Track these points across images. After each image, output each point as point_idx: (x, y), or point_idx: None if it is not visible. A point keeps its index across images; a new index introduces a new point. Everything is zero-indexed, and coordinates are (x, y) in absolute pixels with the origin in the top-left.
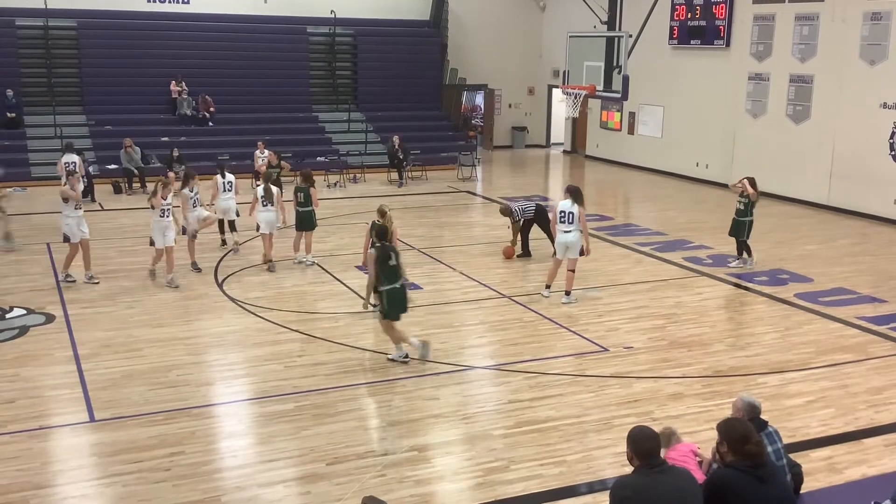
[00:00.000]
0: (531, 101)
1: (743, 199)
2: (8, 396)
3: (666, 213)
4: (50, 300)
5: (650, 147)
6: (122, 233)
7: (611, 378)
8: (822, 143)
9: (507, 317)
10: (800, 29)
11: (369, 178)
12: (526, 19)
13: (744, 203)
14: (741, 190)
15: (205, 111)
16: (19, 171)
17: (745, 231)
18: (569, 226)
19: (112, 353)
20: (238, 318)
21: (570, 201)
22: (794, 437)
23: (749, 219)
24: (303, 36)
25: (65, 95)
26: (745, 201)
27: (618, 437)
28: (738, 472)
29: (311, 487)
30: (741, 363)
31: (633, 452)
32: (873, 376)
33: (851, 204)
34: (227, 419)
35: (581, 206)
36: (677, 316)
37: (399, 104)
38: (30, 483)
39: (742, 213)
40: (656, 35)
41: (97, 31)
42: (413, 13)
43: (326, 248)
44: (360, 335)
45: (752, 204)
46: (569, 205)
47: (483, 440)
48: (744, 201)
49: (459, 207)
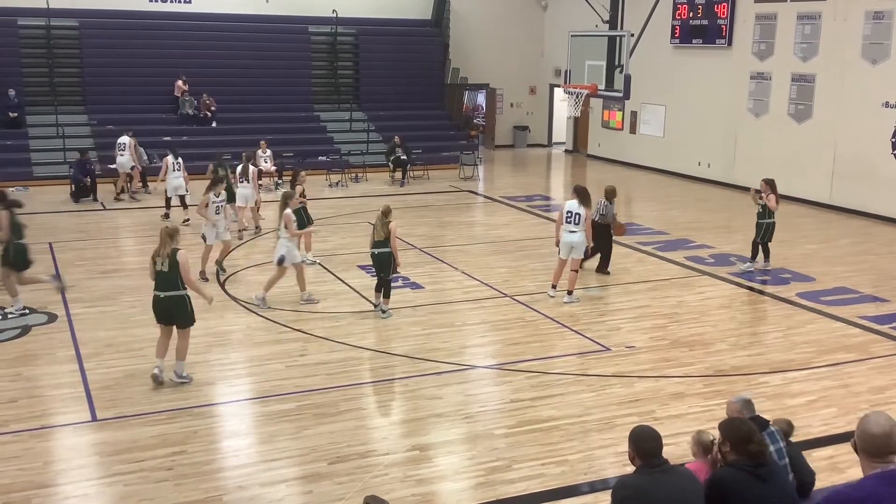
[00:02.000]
0: (533, 101)
1: (761, 201)
2: (10, 396)
3: (668, 212)
4: (52, 300)
5: (652, 146)
6: (124, 232)
7: (612, 377)
8: (824, 142)
9: (509, 316)
10: (801, 28)
11: (371, 177)
12: (528, 18)
13: (762, 205)
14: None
15: (206, 111)
16: (21, 171)
17: (762, 233)
18: (575, 226)
19: (114, 352)
20: (239, 317)
21: (577, 202)
22: (796, 436)
23: (768, 221)
24: (304, 35)
25: (67, 95)
26: (763, 204)
27: (619, 437)
28: (739, 472)
29: (312, 487)
30: (743, 362)
31: (634, 452)
32: (875, 376)
33: (853, 203)
34: (229, 418)
35: (588, 207)
36: (679, 315)
37: (401, 103)
38: (32, 482)
39: (761, 214)
40: (658, 34)
41: (99, 31)
42: (415, 13)
43: (328, 247)
44: (362, 335)
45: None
46: (576, 205)
47: (485, 439)
48: (762, 204)
49: (461, 207)
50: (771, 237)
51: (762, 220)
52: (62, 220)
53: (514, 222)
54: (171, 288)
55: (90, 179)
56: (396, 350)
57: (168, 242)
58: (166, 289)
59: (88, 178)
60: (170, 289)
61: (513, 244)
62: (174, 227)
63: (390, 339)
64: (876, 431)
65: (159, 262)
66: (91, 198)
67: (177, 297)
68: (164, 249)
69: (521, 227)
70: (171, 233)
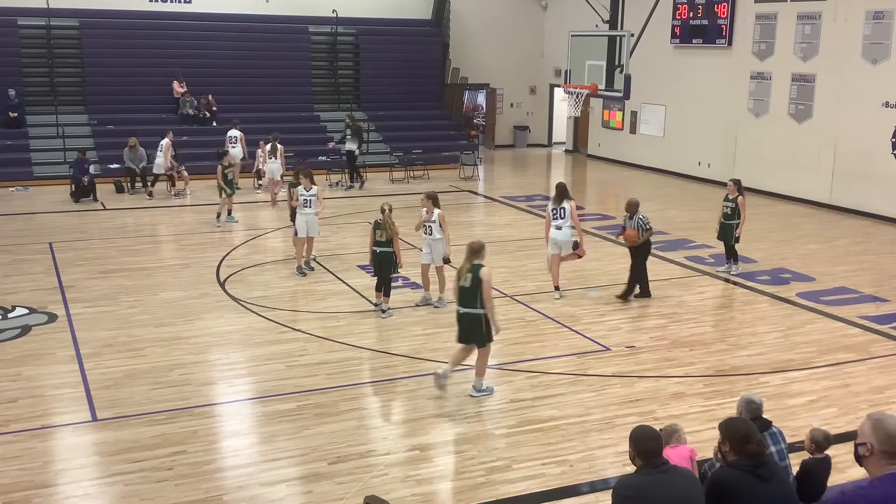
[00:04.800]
0: (533, 101)
1: (730, 202)
2: (10, 396)
3: (668, 212)
4: (52, 299)
5: (652, 146)
6: (124, 232)
7: (612, 377)
8: (824, 142)
9: (509, 316)
10: (802, 28)
11: (371, 177)
12: (528, 18)
13: (731, 207)
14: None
15: (206, 111)
16: (21, 171)
17: (732, 235)
18: (560, 221)
19: (114, 352)
20: (240, 317)
21: (558, 198)
22: (797, 436)
23: (737, 221)
24: (304, 35)
25: (67, 95)
26: (733, 205)
27: (620, 437)
28: (739, 472)
29: (312, 487)
30: (743, 362)
31: (635, 452)
32: (875, 376)
33: (853, 203)
34: (229, 418)
35: (570, 200)
36: (679, 315)
37: (401, 103)
38: (32, 482)
39: (729, 216)
40: (658, 34)
41: (99, 31)
42: (415, 12)
43: (329, 247)
44: (362, 334)
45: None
46: (558, 202)
47: (485, 439)
48: (730, 205)
49: (461, 207)
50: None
51: (730, 221)
52: (62, 220)
53: (514, 222)
54: (470, 305)
55: (87, 180)
56: (397, 350)
57: (472, 258)
58: (465, 305)
59: (86, 177)
60: (469, 306)
61: (513, 244)
62: (480, 243)
63: (391, 339)
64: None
65: (462, 278)
66: (91, 198)
67: (473, 315)
68: (466, 264)
69: (521, 227)
70: (476, 248)
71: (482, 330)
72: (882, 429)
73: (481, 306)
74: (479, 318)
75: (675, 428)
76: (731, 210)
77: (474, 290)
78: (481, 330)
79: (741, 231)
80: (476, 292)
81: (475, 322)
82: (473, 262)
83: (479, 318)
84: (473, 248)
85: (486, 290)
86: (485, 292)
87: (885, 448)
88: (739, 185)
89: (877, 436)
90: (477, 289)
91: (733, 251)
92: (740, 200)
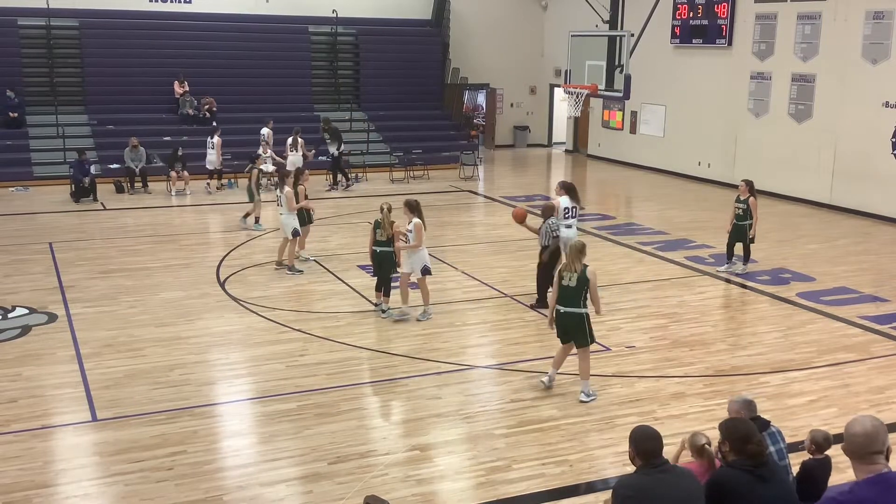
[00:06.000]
0: (533, 101)
1: (741, 204)
2: (10, 396)
3: (668, 212)
4: (52, 299)
5: (652, 146)
6: (124, 232)
7: (612, 377)
8: (824, 142)
9: (509, 316)
10: (802, 28)
11: (371, 177)
12: (528, 18)
13: (742, 208)
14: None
15: (206, 111)
16: (21, 171)
17: (746, 236)
18: (572, 220)
19: (114, 352)
20: (240, 317)
21: (567, 198)
22: (797, 436)
23: (749, 222)
24: (304, 35)
25: (67, 95)
26: (744, 206)
27: (620, 437)
28: (739, 472)
29: (313, 486)
30: (743, 362)
31: (635, 452)
32: (875, 376)
33: (853, 203)
34: (229, 418)
35: (578, 201)
36: (679, 315)
37: (401, 103)
38: (32, 482)
39: (741, 217)
40: (658, 34)
41: (99, 31)
42: (415, 12)
43: (329, 246)
44: (362, 334)
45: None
46: (568, 201)
47: (485, 439)
48: (742, 206)
49: (461, 207)
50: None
51: (743, 221)
52: (62, 220)
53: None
54: (572, 304)
55: (88, 180)
56: (396, 350)
57: (579, 258)
58: (568, 304)
59: (87, 178)
60: (571, 305)
61: (513, 244)
62: (582, 243)
63: (390, 339)
64: (857, 431)
65: (566, 277)
66: (91, 198)
67: (576, 314)
68: (573, 264)
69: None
70: (580, 248)
71: (585, 329)
72: (846, 429)
73: (584, 306)
74: (581, 318)
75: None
76: (742, 211)
77: (579, 289)
78: (584, 329)
79: (755, 231)
80: (581, 292)
81: (577, 321)
82: (582, 263)
83: (582, 318)
84: (578, 248)
85: (594, 289)
86: (592, 292)
87: (848, 448)
88: (752, 187)
89: (844, 437)
90: (582, 288)
91: (747, 251)
92: (752, 202)
